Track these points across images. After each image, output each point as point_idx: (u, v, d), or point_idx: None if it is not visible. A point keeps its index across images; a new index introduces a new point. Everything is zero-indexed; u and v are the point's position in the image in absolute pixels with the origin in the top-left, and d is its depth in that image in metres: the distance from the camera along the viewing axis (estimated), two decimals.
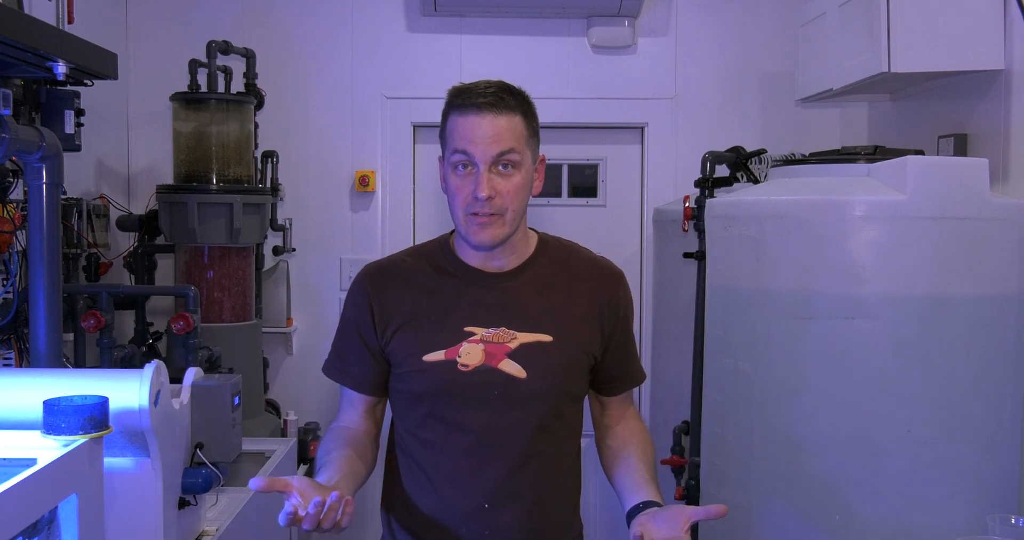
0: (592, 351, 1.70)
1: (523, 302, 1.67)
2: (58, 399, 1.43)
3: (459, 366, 1.61)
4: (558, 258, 1.74)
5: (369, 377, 1.71)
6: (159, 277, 3.47)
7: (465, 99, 1.58)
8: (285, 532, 2.74)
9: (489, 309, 1.66)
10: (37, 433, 1.43)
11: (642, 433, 1.78)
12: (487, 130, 1.56)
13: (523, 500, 1.64)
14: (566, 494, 1.74)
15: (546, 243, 1.75)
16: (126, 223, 3.38)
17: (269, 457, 2.63)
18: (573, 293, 1.71)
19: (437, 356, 1.63)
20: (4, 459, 1.38)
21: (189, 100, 3.29)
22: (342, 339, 1.74)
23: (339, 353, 1.74)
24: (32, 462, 1.34)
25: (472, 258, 1.69)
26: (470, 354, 1.62)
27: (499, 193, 1.58)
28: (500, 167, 1.58)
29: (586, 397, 1.79)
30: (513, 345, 1.63)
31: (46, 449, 1.39)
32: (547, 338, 1.65)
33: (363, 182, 3.76)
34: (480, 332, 1.64)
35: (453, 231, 1.75)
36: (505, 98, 1.58)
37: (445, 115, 1.63)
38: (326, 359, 1.77)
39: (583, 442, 1.79)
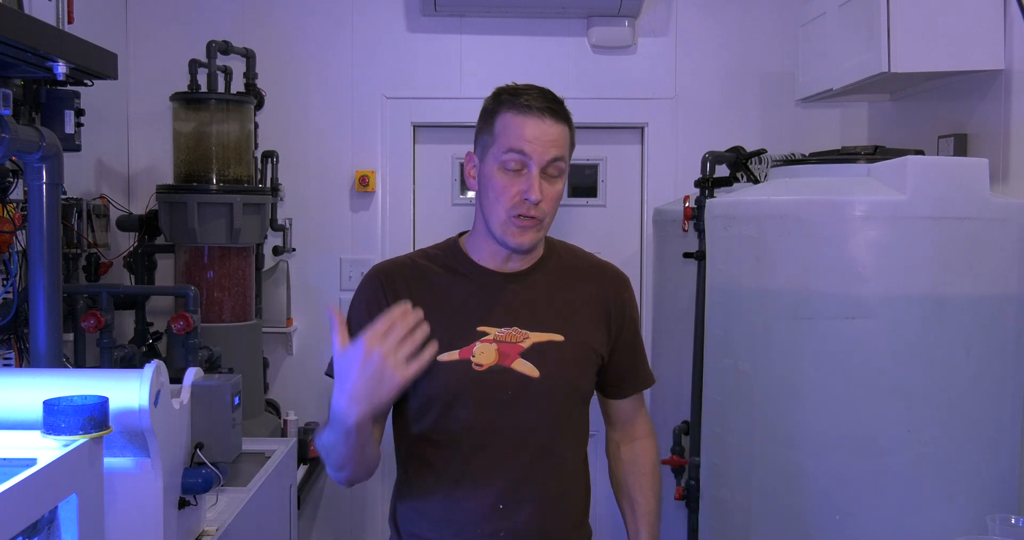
0: (600, 351, 1.72)
1: (534, 302, 1.69)
2: (58, 399, 1.43)
3: (473, 366, 1.62)
4: (566, 261, 1.77)
5: None
6: (159, 277, 3.47)
7: (526, 100, 1.60)
8: (285, 532, 2.73)
9: (501, 309, 1.67)
10: (37, 433, 1.43)
11: (646, 462, 1.80)
12: (547, 133, 1.59)
13: (537, 500, 1.64)
14: (578, 495, 1.74)
15: (553, 246, 1.78)
16: (126, 223, 3.38)
17: (269, 457, 2.63)
18: (581, 294, 1.73)
19: (451, 356, 1.63)
20: (4, 459, 1.38)
21: (189, 100, 3.29)
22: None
23: None
24: (32, 462, 1.34)
25: (486, 259, 1.70)
26: (484, 354, 1.63)
27: (545, 198, 1.61)
28: (548, 173, 1.61)
29: (594, 401, 1.80)
30: (526, 345, 1.64)
31: (46, 449, 1.38)
32: (558, 337, 1.66)
33: (363, 182, 3.76)
34: (493, 332, 1.64)
35: (460, 234, 1.75)
36: (560, 108, 1.63)
37: (494, 112, 1.64)
38: (330, 361, 1.74)
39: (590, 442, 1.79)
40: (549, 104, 1.61)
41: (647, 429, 1.85)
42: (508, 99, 1.63)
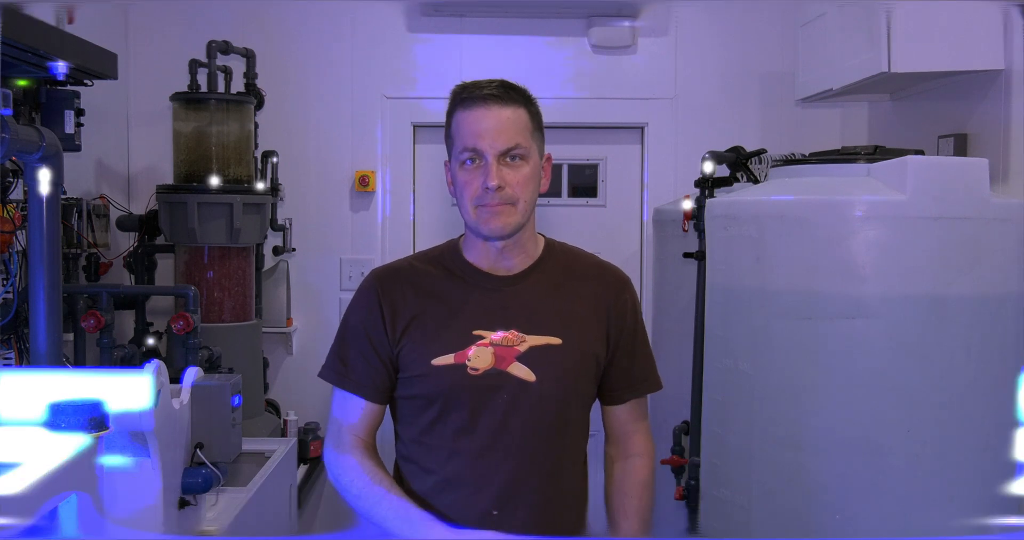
0: (599, 354, 1.69)
1: (531, 305, 1.66)
2: (59, 400, 1.43)
3: (468, 370, 1.60)
4: (565, 262, 1.74)
5: (376, 382, 1.66)
6: (159, 277, 3.47)
7: (470, 93, 1.60)
8: (285, 532, 2.74)
9: (497, 312, 1.65)
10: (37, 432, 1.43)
11: (634, 483, 1.73)
12: (493, 122, 1.58)
13: (531, 505, 1.63)
14: (574, 499, 1.72)
15: (553, 246, 1.75)
16: (126, 223, 3.38)
17: (269, 457, 2.63)
18: (580, 296, 1.70)
19: (446, 360, 1.61)
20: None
21: (189, 100, 3.29)
22: (347, 344, 1.68)
23: (343, 359, 1.68)
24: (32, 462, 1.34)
25: (481, 260, 1.68)
26: (479, 357, 1.61)
27: (509, 183, 1.59)
28: (508, 159, 1.59)
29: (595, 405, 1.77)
30: (522, 348, 1.62)
31: (46, 449, 1.39)
32: (556, 341, 1.64)
33: (363, 182, 3.76)
34: (489, 335, 1.62)
35: (462, 235, 1.74)
36: (509, 92, 1.61)
37: (450, 114, 1.64)
38: (323, 365, 1.70)
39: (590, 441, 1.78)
40: (493, 91, 1.59)
41: (644, 447, 1.77)
42: (455, 98, 1.63)
